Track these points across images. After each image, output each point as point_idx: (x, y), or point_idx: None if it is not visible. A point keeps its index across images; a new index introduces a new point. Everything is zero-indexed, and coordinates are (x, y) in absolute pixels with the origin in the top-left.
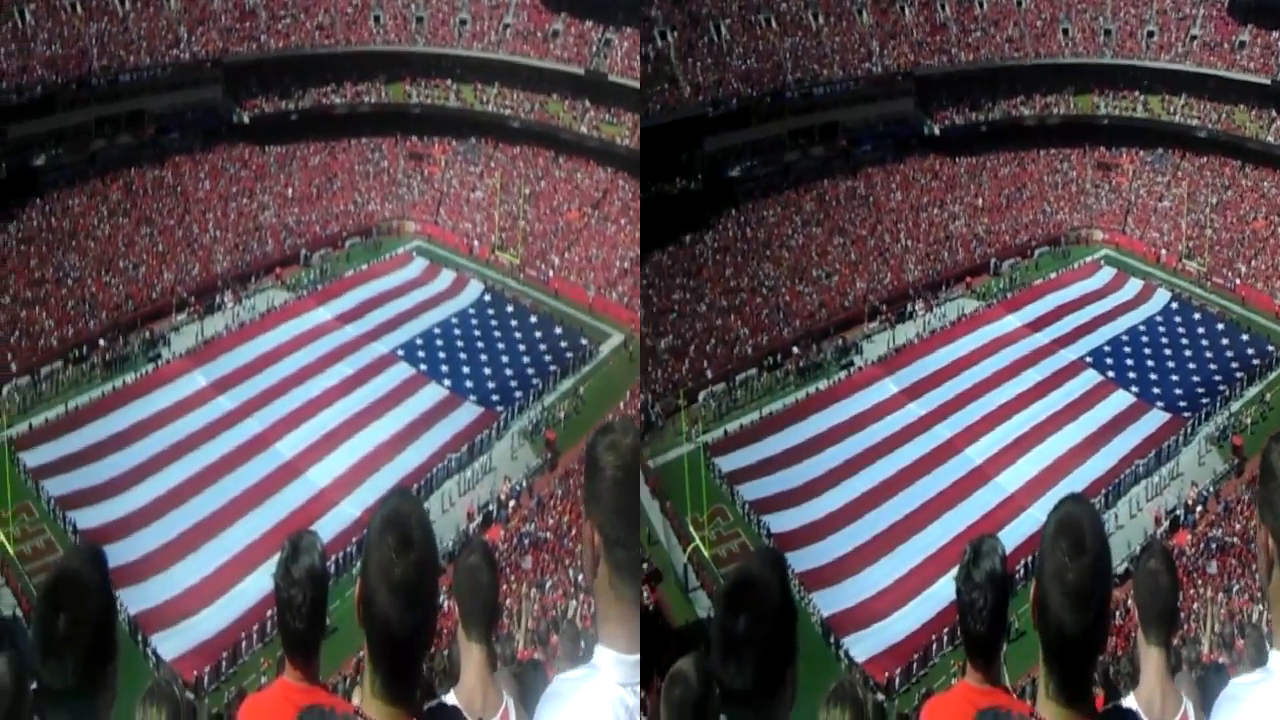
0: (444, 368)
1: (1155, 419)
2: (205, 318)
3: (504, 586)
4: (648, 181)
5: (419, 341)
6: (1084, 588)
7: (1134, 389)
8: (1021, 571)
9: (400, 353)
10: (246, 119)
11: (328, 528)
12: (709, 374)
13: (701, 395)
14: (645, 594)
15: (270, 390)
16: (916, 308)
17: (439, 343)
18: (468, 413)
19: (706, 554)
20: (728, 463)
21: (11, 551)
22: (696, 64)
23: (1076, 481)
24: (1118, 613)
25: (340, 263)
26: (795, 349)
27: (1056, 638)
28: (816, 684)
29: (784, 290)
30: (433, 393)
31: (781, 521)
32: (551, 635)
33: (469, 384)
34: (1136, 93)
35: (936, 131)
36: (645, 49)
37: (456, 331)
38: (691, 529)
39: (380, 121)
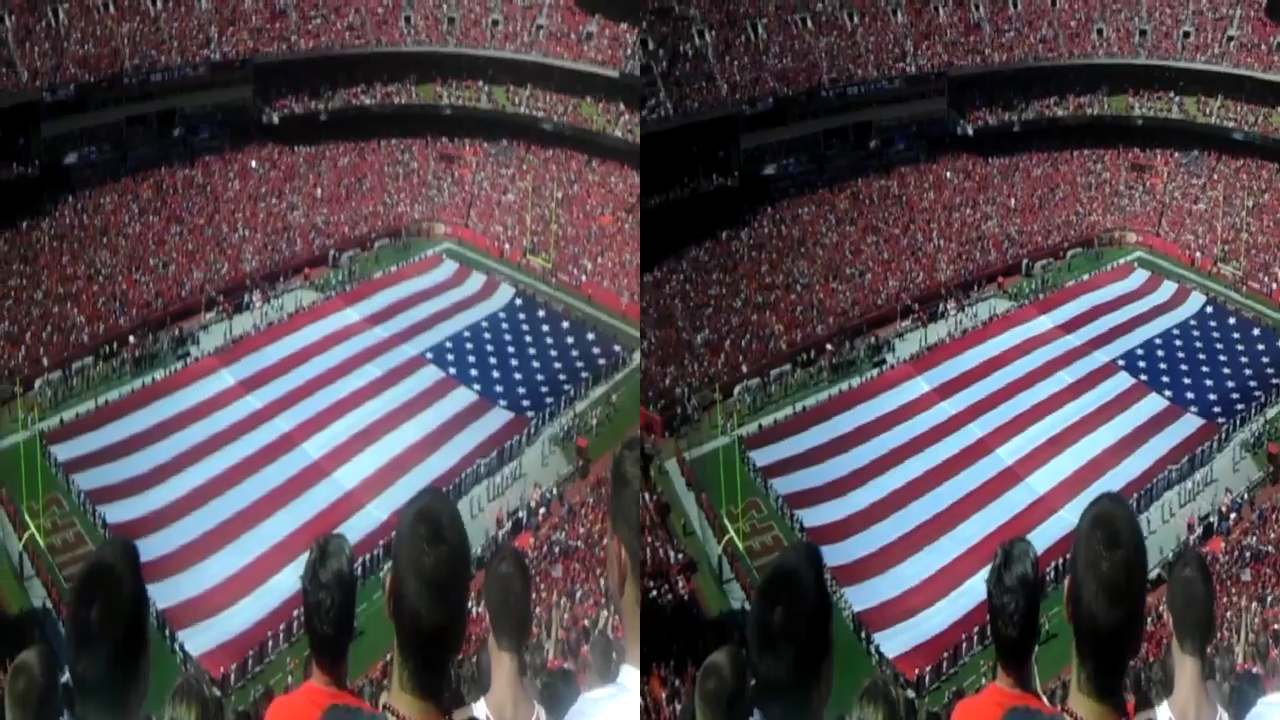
0: (474, 372)
1: (1189, 424)
2: (234, 317)
3: (534, 595)
4: (686, 178)
5: (448, 345)
6: (1119, 580)
7: (1167, 393)
8: (1052, 574)
9: (429, 355)
10: (276, 119)
11: (355, 529)
12: (744, 368)
13: (737, 389)
14: (680, 584)
15: (298, 390)
16: (948, 307)
17: (469, 346)
18: (498, 418)
19: (741, 546)
20: (762, 456)
21: (42, 543)
22: (734, 63)
23: (1108, 485)
24: (1149, 618)
25: (369, 264)
26: (829, 346)
27: (1090, 630)
28: (847, 678)
29: (818, 287)
30: (462, 396)
31: (814, 516)
32: (582, 646)
33: (499, 389)
34: (1172, 94)
35: (969, 131)
36: (647, 47)
37: (487, 335)
38: (726, 521)
39: (411, 122)
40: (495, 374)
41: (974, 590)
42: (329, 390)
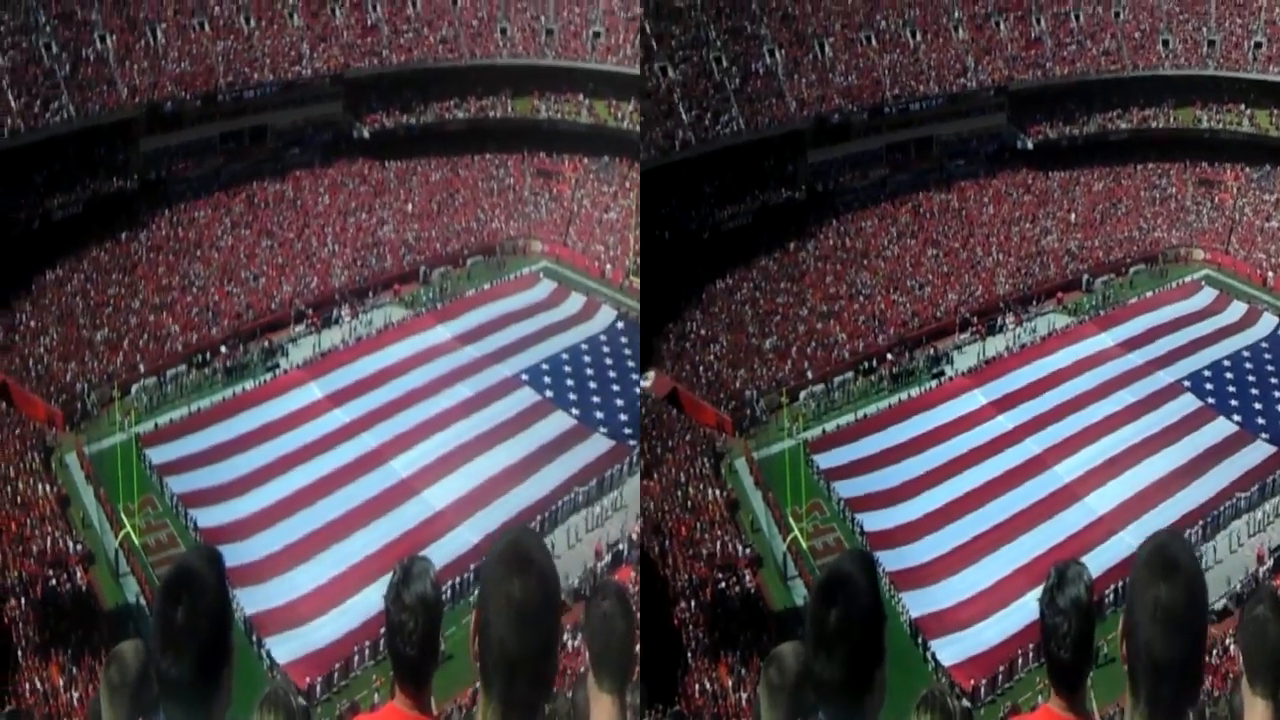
0: (572, 396)
1: (1259, 451)
2: (323, 330)
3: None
4: (757, 191)
5: (545, 366)
6: (1176, 609)
7: (1236, 418)
8: (1111, 596)
9: (525, 377)
10: (367, 134)
11: (444, 551)
12: (809, 374)
13: (802, 394)
14: (748, 578)
15: (386, 407)
16: (1006, 321)
17: (567, 369)
18: (598, 445)
19: (804, 545)
20: (825, 460)
21: (137, 542)
22: (801, 79)
23: (1171, 509)
24: (1215, 651)
25: (461, 281)
26: (889, 355)
27: (1146, 663)
28: (903, 683)
29: (879, 298)
30: (559, 421)
31: (875, 520)
32: None
33: (599, 414)
34: (1242, 106)
35: (1029, 145)
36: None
37: (586, 359)
38: (791, 520)
39: (506, 137)
40: (595, 399)
41: (1028, 606)
42: (418, 408)
